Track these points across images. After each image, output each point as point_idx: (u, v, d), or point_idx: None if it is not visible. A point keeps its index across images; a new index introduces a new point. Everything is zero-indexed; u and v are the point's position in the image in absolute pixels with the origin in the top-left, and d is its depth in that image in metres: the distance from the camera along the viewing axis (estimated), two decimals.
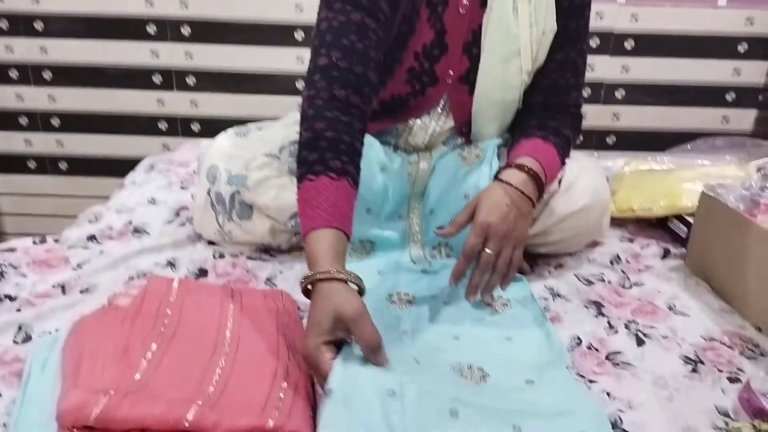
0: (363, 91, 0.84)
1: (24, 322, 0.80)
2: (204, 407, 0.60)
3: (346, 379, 0.64)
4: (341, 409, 0.61)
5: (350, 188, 0.79)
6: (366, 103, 0.85)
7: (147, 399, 0.60)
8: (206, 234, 1.05)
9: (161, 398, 0.60)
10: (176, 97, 1.75)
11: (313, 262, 0.73)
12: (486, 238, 0.83)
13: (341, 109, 0.82)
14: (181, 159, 1.44)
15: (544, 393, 0.71)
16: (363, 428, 0.59)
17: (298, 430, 0.61)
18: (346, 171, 0.79)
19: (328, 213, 0.75)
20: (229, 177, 0.99)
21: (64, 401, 0.58)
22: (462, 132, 1.05)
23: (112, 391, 0.59)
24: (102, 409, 0.57)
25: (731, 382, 0.76)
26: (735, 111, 1.74)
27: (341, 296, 0.68)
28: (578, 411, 0.67)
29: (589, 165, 1.06)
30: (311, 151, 0.79)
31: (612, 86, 1.72)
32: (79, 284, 0.91)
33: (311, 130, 0.81)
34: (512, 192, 0.86)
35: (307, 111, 0.82)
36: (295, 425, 0.61)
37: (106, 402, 0.58)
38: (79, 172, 1.87)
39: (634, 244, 1.13)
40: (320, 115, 0.81)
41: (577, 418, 0.66)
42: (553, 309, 0.91)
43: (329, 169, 0.78)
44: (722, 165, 1.27)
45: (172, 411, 0.59)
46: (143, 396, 0.60)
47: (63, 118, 1.79)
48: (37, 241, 1.02)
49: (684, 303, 0.94)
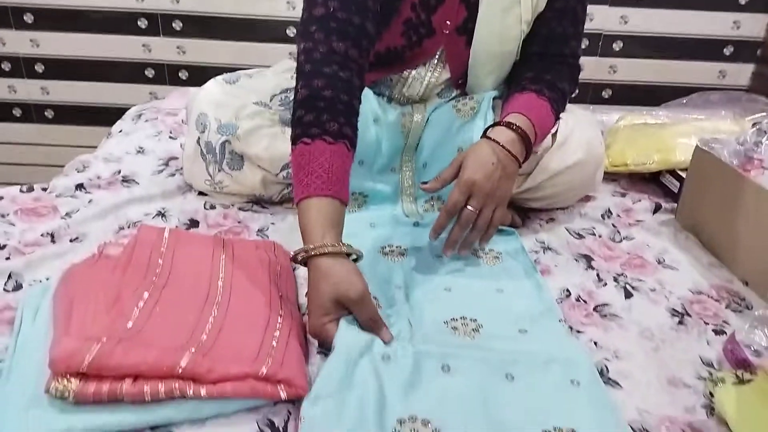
0: (361, 44, 0.81)
1: (14, 271, 0.80)
2: (197, 355, 0.61)
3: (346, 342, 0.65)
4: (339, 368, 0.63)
5: (347, 151, 0.76)
6: (364, 57, 0.83)
7: (140, 346, 0.60)
8: (196, 184, 1.04)
9: (154, 346, 0.61)
10: (162, 42, 1.70)
11: (306, 234, 0.71)
12: (470, 196, 0.82)
13: (340, 64, 0.79)
14: (169, 107, 1.41)
15: (536, 342, 0.72)
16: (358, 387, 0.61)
17: (291, 378, 0.62)
18: (343, 134, 0.76)
19: (323, 180, 0.73)
20: (219, 126, 0.97)
21: (57, 348, 0.58)
22: (458, 84, 1.03)
23: (104, 338, 0.60)
24: (95, 356, 0.57)
25: (716, 334, 0.78)
26: (732, 65, 1.72)
27: (341, 276, 0.68)
28: (569, 360, 0.69)
29: (584, 119, 1.05)
30: (308, 111, 0.76)
31: (610, 37, 1.69)
32: (69, 233, 0.90)
33: (308, 88, 0.78)
34: (499, 151, 0.84)
35: (305, 66, 0.79)
36: (288, 374, 0.62)
37: (98, 349, 0.58)
38: (66, 120, 1.83)
39: (626, 198, 1.13)
40: (318, 71, 0.78)
41: (569, 366, 0.68)
42: (543, 262, 0.92)
43: (326, 133, 0.75)
44: (717, 120, 1.27)
45: (166, 358, 0.59)
46: (136, 343, 0.61)
47: (47, 63, 1.74)
48: (24, 189, 1.00)
49: (673, 257, 0.95)
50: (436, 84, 1.02)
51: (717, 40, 1.70)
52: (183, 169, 1.05)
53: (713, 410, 0.65)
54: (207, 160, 1.00)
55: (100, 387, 0.57)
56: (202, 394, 0.59)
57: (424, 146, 1.02)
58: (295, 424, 0.60)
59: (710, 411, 0.65)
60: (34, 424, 0.56)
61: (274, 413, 0.61)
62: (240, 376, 0.60)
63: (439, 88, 1.03)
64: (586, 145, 0.99)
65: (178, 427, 0.59)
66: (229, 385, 0.60)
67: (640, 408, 0.65)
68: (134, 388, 0.58)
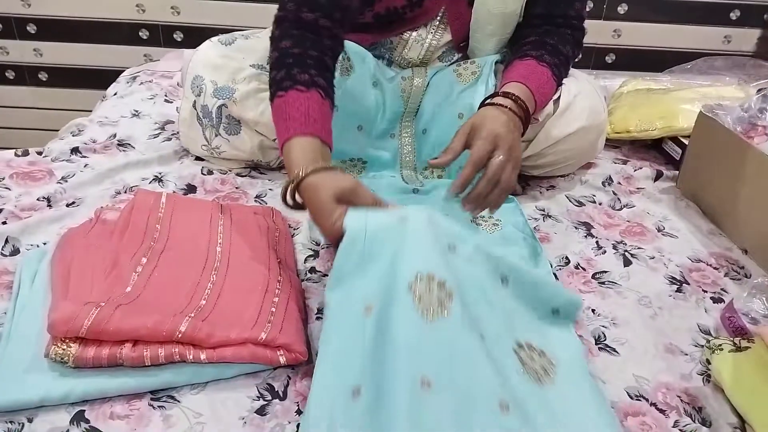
0: (333, 16, 0.82)
1: (11, 235, 0.79)
2: (196, 320, 0.61)
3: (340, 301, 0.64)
4: (356, 245, 0.64)
5: (321, 99, 0.77)
6: (337, 27, 0.83)
7: (139, 311, 0.60)
8: (193, 149, 1.03)
9: (153, 311, 0.61)
10: (157, 2, 1.66)
11: (290, 169, 0.71)
12: (494, 147, 0.78)
13: (308, 29, 0.81)
14: (164, 69, 1.39)
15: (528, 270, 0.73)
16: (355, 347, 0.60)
17: (290, 343, 0.62)
18: (315, 83, 0.77)
19: (301, 123, 0.73)
20: (215, 89, 0.96)
21: (55, 312, 0.58)
22: (459, 47, 1.00)
23: (102, 303, 0.60)
24: (93, 320, 0.57)
25: (714, 302, 0.78)
26: (738, 30, 1.69)
27: (331, 178, 0.68)
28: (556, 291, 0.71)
29: (588, 86, 1.03)
30: (278, 70, 0.78)
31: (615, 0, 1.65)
32: (65, 197, 0.89)
33: (277, 50, 0.80)
34: (507, 111, 0.82)
35: (275, 32, 0.82)
36: (287, 339, 0.62)
37: (97, 313, 0.58)
38: (59, 83, 1.80)
39: (627, 165, 1.12)
40: (286, 34, 0.80)
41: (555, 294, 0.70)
42: (543, 229, 0.91)
43: (297, 83, 0.76)
44: (722, 86, 1.25)
45: (165, 323, 0.59)
46: (135, 308, 0.61)
47: (39, 24, 1.70)
48: (19, 153, 0.99)
49: (673, 225, 0.94)
50: (437, 47, 1.00)
51: (723, 4, 1.66)
52: (179, 134, 1.04)
53: (710, 377, 0.65)
54: (203, 124, 0.98)
55: (99, 351, 0.58)
56: (201, 359, 0.60)
57: (424, 111, 1.00)
58: (294, 389, 0.61)
59: (707, 378, 0.66)
60: (34, 387, 0.57)
61: (273, 378, 0.62)
62: (239, 342, 0.61)
63: (441, 51, 1.01)
64: (588, 112, 0.97)
65: (178, 392, 0.60)
66: (229, 350, 0.60)
67: (636, 375, 0.66)
68: (134, 353, 0.58)
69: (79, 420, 0.56)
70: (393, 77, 1.00)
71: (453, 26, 0.97)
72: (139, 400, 0.58)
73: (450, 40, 0.99)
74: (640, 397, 0.63)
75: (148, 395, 0.59)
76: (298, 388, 0.61)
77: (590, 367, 0.65)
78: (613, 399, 0.62)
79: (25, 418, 0.56)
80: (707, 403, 0.62)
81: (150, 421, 0.57)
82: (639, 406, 0.62)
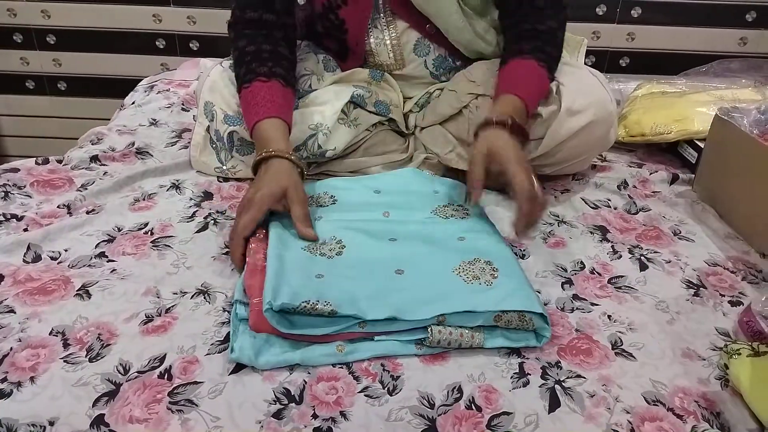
0: (273, 7, 0.92)
1: (33, 242, 0.81)
2: None
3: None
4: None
5: (282, 87, 0.89)
6: (283, 16, 0.93)
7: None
8: (207, 171, 1.02)
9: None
10: (173, 12, 1.69)
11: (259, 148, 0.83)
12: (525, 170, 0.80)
13: (256, 26, 0.92)
14: (180, 78, 1.41)
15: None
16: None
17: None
18: (274, 73, 0.88)
19: (266, 108, 0.85)
20: (225, 116, 0.96)
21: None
22: (429, 33, 1.02)
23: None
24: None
25: (732, 306, 0.77)
26: (754, 32, 1.67)
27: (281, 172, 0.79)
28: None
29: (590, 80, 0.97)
30: (239, 67, 0.90)
31: (629, 3, 1.64)
32: (85, 205, 0.91)
33: (237, 50, 0.91)
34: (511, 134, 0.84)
35: (231, 36, 0.94)
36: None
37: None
38: (78, 92, 1.84)
39: (642, 169, 1.11)
40: (240, 35, 0.92)
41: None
42: (557, 234, 0.91)
43: (258, 75, 0.88)
44: (737, 88, 1.24)
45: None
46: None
47: (58, 35, 1.73)
48: (40, 161, 1.01)
49: (689, 228, 0.94)
50: (399, 42, 1.02)
51: (739, 6, 1.65)
52: (191, 158, 1.03)
53: (727, 382, 0.65)
54: (218, 147, 1.00)
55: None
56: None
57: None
58: (310, 393, 0.61)
59: (724, 383, 0.65)
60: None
61: (289, 382, 0.62)
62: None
63: (410, 45, 1.03)
64: (595, 105, 0.92)
65: (196, 396, 0.60)
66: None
67: (654, 380, 0.65)
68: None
69: (99, 423, 0.57)
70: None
71: (399, 11, 1.00)
72: (157, 404, 0.59)
73: (407, 26, 1.01)
74: (658, 402, 0.63)
75: (167, 399, 0.60)
76: (315, 392, 0.62)
77: (607, 372, 0.65)
78: (630, 404, 0.62)
79: (47, 421, 0.57)
80: (725, 408, 0.62)
81: (169, 424, 0.57)
82: (656, 411, 0.61)
